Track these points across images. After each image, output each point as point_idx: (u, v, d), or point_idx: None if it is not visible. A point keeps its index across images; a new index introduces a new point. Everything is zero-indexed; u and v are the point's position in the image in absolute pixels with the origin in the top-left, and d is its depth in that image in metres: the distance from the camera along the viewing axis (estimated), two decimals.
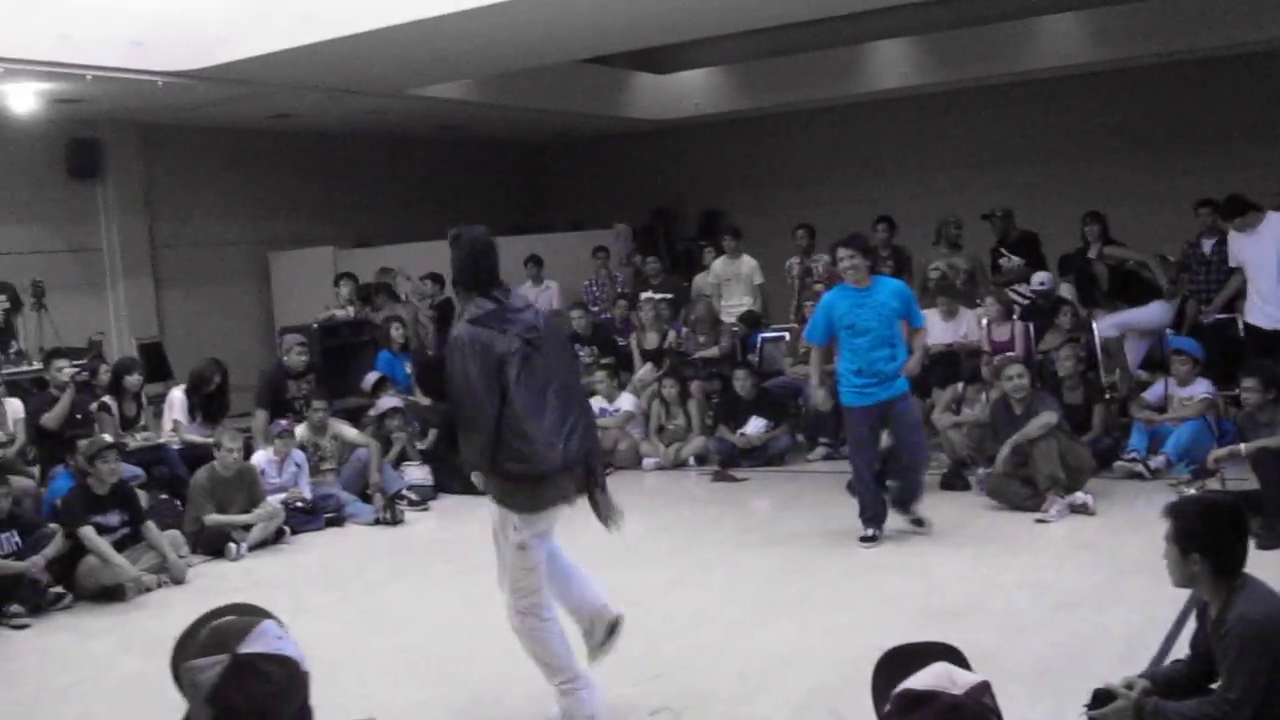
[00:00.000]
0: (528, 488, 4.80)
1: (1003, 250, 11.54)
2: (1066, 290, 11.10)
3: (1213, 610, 3.94)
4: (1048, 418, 8.33)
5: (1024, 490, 8.24)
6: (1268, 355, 8.94)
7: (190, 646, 1.93)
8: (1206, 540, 3.89)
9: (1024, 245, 11.55)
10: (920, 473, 7.96)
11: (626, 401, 11.02)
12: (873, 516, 7.78)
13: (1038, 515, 7.97)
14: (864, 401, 7.61)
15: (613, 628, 5.16)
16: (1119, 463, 8.97)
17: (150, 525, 7.88)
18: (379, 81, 12.26)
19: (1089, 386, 9.50)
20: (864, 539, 7.73)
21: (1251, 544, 4.03)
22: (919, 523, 7.87)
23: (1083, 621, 5.93)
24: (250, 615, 1.99)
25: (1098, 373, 10.18)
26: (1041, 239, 11.79)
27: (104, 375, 9.75)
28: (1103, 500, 8.17)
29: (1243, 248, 9.79)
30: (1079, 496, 8.09)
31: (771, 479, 9.57)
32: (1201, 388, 9.07)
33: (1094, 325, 10.48)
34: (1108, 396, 9.78)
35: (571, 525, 5.10)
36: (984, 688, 1.94)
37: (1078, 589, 6.49)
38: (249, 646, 1.91)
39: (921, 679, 1.95)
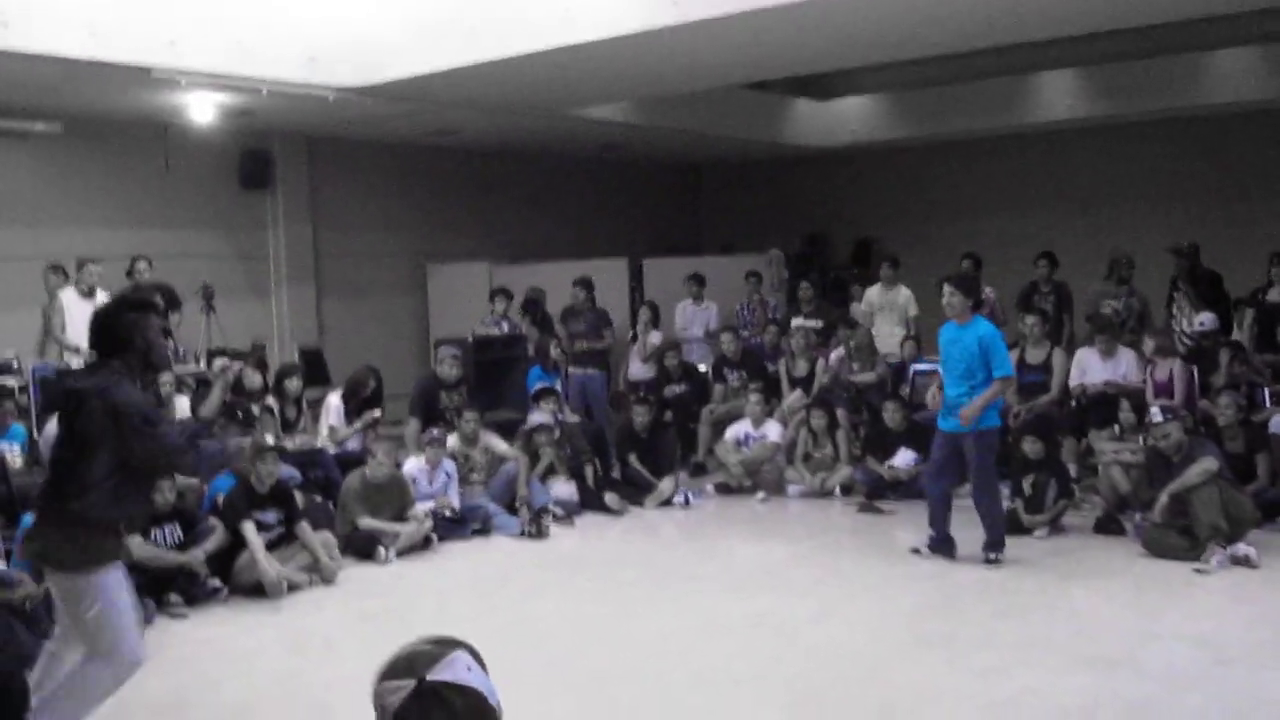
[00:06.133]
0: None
1: (1179, 285, 11.17)
2: (1242, 333, 10.77)
3: None
4: (1208, 464, 8.05)
5: (1182, 542, 7.95)
6: None
7: (387, 669, 2.02)
8: None
9: (1206, 284, 11.20)
10: (987, 518, 8.13)
11: (773, 429, 10.98)
12: (934, 539, 8.25)
13: (1197, 565, 7.69)
14: (941, 426, 8.14)
15: None
16: None
17: (304, 525, 8.09)
18: (539, 101, 12.45)
19: (1252, 432, 9.16)
20: (914, 549, 8.32)
21: None
22: (993, 560, 8.04)
23: (1244, 679, 5.70)
24: (446, 646, 2.06)
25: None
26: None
27: (252, 378, 9.99)
28: (1267, 553, 7.85)
29: None
30: (1241, 548, 7.78)
31: (918, 512, 9.40)
32: None
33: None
34: None
35: (717, 545, 5.06)
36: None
37: (1238, 644, 6.24)
38: (437, 674, 1.99)
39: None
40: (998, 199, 16.85)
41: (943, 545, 8.20)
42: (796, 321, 12.45)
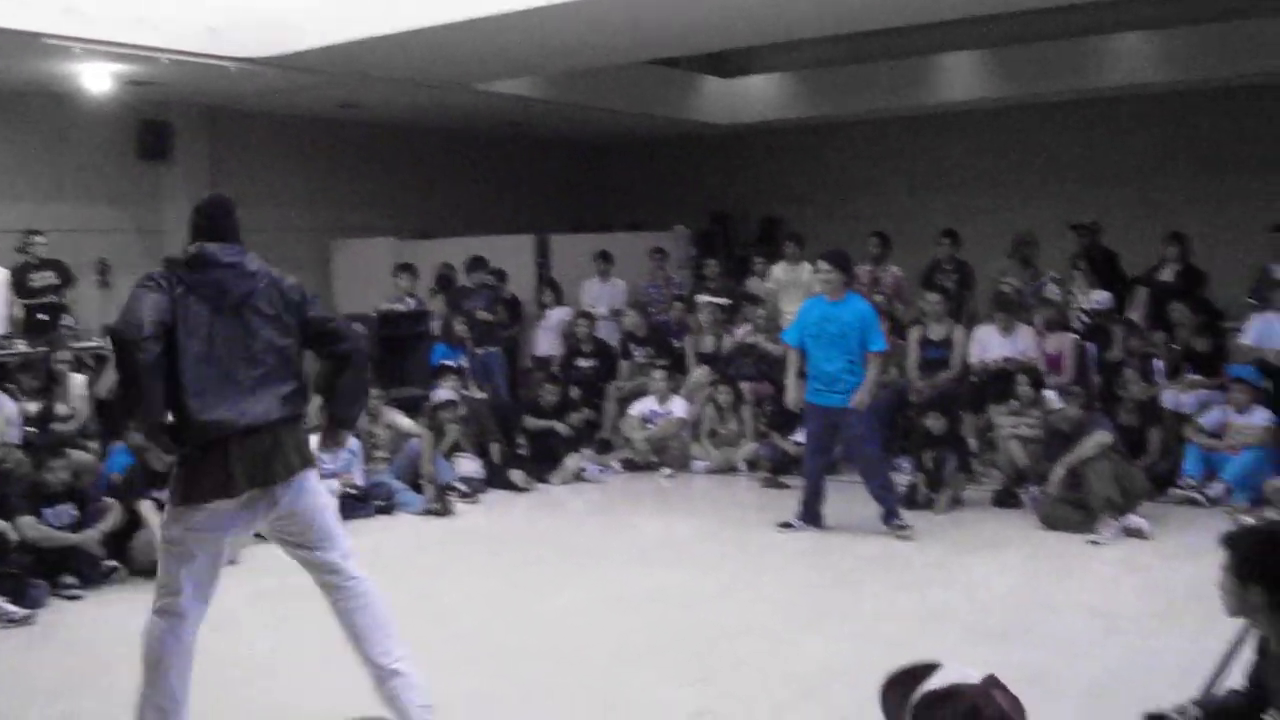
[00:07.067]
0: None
1: (1079, 265, 11.41)
2: (1136, 311, 11.04)
3: (1272, 643, 3.89)
4: (1101, 437, 8.25)
5: (1076, 514, 8.16)
6: None
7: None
8: (1266, 571, 3.83)
9: (1103, 262, 11.45)
10: (877, 489, 8.32)
11: (678, 405, 11.03)
12: (804, 512, 8.43)
13: (1090, 537, 7.89)
14: (816, 400, 8.27)
15: None
16: (1175, 489, 8.87)
17: None
18: (447, 75, 12.33)
19: (1144, 406, 9.39)
20: (782, 524, 8.46)
21: None
22: (902, 528, 8.19)
23: (1135, 646, 5.87)
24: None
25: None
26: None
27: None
28: (1157, 525, 8.08)
29: None
30: (1133, 520, 8.00)
31: None
32: (1260, 416, 8.95)
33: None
34: None
35: (623, 521, 5.07)
36: (992, 678, 2.02)
37: (1130, 613, 6.42)
38: None
39: (936, 681, 2.01)
40: (903, 178, 17.02)
41: (815, 519, 8.43)
42: (703, 298, 12.49)
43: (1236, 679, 4.35)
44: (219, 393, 4.34)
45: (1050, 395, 9.12)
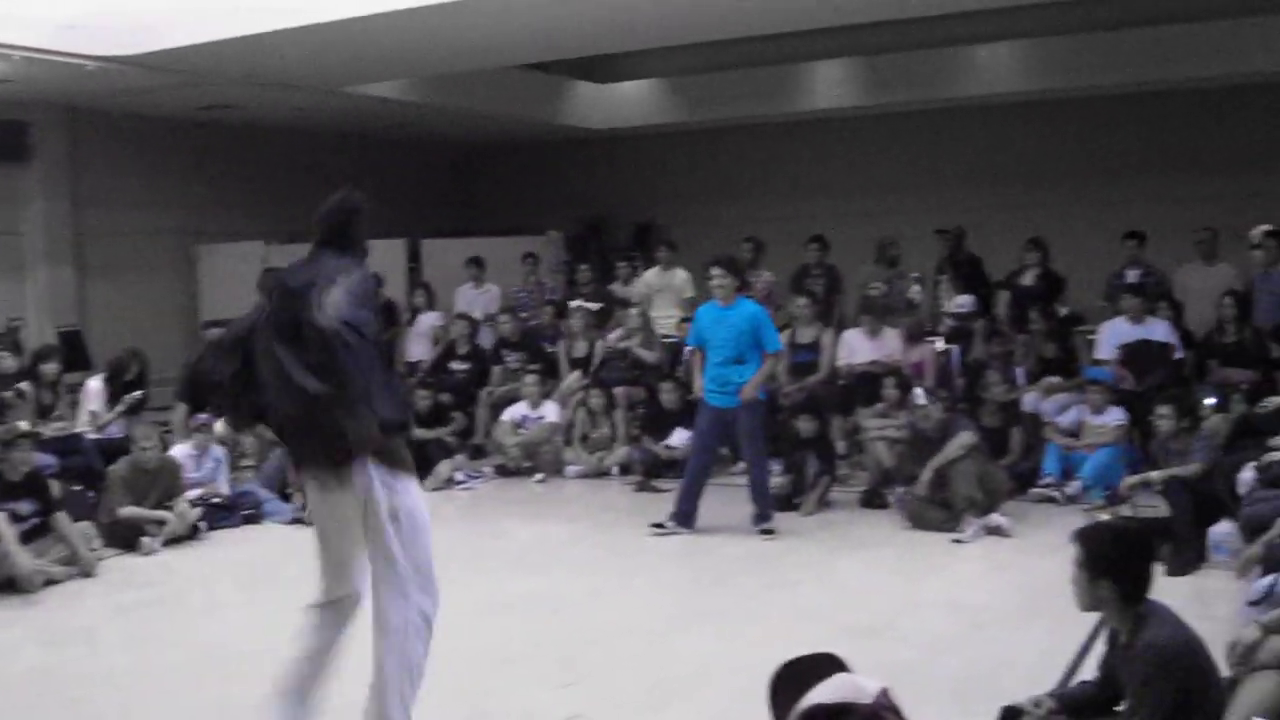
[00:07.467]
0: None
1: (945, 270, 11.67)
2: (999, 314, 11.32)
3: (1122, 635, 4.02)
4: (965, 438, 8.44)
5: (941, 514, 8.34)
6: None
7: None
8: (1114, 566, 3.96)
9: (967, 267, 11.72)
10: (757, 488, 8.46)
11: (551, 410, 11.02)
12: (678, 512, 8.45)
13: (954, 536, 8.07)
14: (710, 401, 8.37)
15: None
16: (1035, 488, 9.10)
17: (61, 516, 7.71)
18: (315, 77, 12.16)
19: (1007, 408, 9.64)
20: (654, 525, 8.48)
21: (1160, 571, 4.10)
22: (768, 531, 8.33)
23: (996, 641, 6.01)
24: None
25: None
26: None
27: (5, 361, 9.57)
28: (1018, 523, 8.29)
29: None
30: (994, 518, 8.20)
31: None
32: (1114, 415, 9.23)
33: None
34: None
35: (495, 526, 5.05)
36: (886, 693, 1.99)
37: (992, 609, 6.58)
38: None
39: (828, 691, 1.98)
40: (774, 184, 17.19)
41: (687, 519, 8.47)
42: (575, 303, 12.49)
43: (1091, 671, 4.48)
44: None
45: (918, 393, 9.31)
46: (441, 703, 5.26)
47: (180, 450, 9.13)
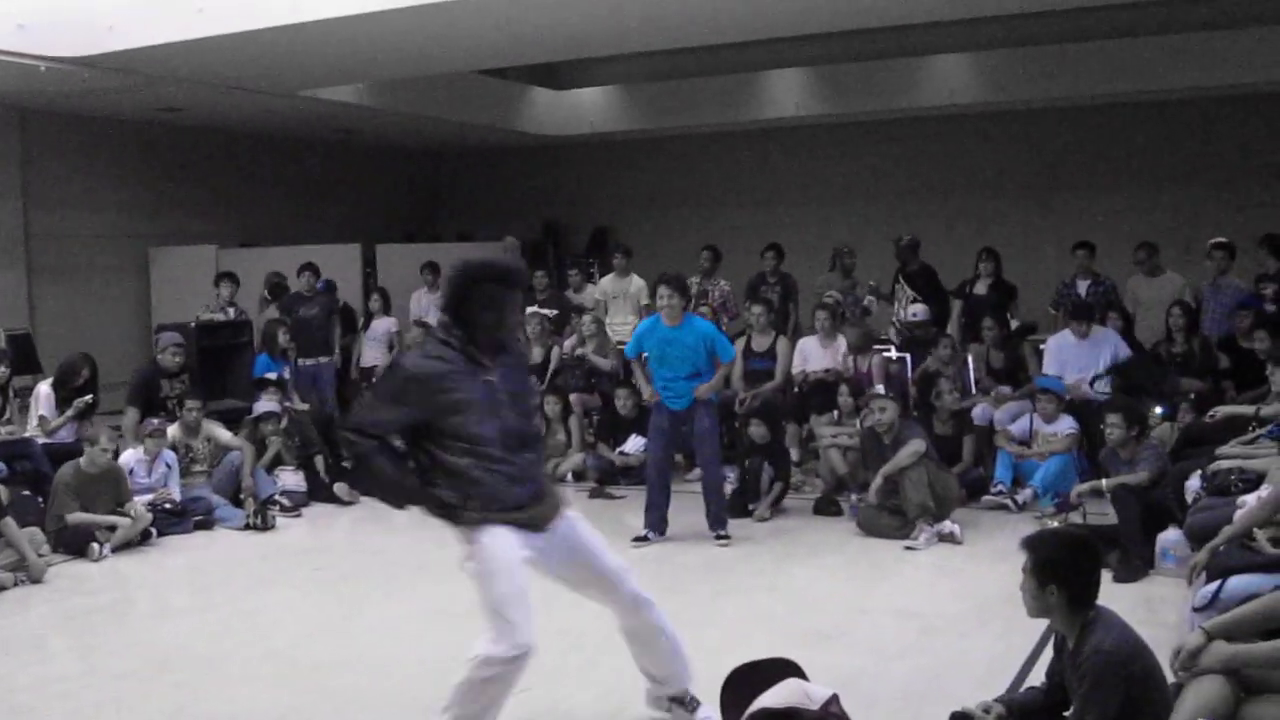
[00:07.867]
0: None
1: (900, 279, 11.75)
2: (952, 324, 11.41)
3: (1069, 641, 4.06)
4: (916, 445, 8.50)
5: (893, 521, 8.38)
6: None
7: None
8: (1062, 573, 4.01)
9: (922, 278, 11.80)
10: (712, 492, 8.48)
11: None
12: (653, 521, 8.41)
13: (906, 543, 8.12)
14: (666, 403, 8.35)
15: None
16: (987, 495, 9.17)
17: (9, 521, 7.63)
18: (271, 80, 12.10)
19: (959, 416, 9.71)
20: (636, 539, 8.33)
21: (1108, 577, 4.15)
22: (721, 537, 8.34)
23: (946, 647, 6.05)
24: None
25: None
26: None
27: None
28: (970, 530, 8.35)
29: None
30: (946, 525, 8.26)
31: None
32: (1066, 424, 9.32)
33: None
34: None
35: (447, 533, 5.03)
36: (834, 699, 2.01)
37: (943, 615, 6.62)
38: None
39: (776, 697, 2.00)
40: (731, 192, 17.29)
41: (661, 523, 8.47)
42: (530, 309, 12.46)
43: (1040, 677, 4.53)
44: None
45: (878, 388, 9.38)
46: (389, 708, 5.27)
47: (131, 455, 9.05)
